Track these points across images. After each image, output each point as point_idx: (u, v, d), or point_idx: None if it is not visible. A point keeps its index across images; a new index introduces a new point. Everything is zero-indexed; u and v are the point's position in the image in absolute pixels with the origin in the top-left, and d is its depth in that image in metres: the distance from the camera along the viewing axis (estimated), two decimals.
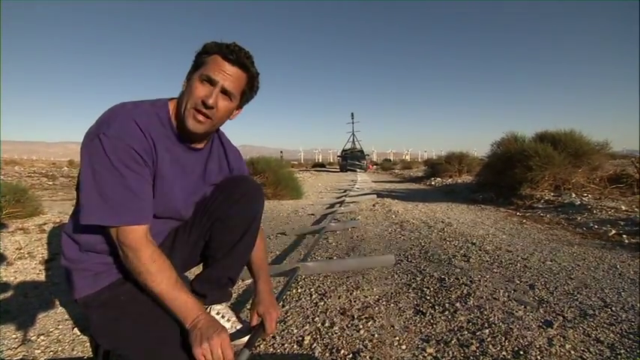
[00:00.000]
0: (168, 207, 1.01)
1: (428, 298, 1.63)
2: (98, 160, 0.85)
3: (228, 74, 0.93)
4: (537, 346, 1.18)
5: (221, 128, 1.19)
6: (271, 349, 1.21)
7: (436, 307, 1.52)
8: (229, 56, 0.93)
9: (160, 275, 0.87)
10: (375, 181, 12.73)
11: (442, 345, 1.22)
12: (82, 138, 0.92)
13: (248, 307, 1.47)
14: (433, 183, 10.56)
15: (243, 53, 0.95)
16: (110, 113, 0.90)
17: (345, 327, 1.35)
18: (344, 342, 1.24)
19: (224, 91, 0.94)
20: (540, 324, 1.36)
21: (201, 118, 0.93)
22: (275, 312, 1.10)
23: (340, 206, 4.89)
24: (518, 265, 2.16)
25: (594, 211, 3.81)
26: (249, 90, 1.02)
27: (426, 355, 1.17)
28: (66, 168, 13.86)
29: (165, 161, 0.96)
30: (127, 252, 0.87)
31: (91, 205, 0.86)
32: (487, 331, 1.30)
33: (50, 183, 8.17)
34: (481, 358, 1.13)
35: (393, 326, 1.37)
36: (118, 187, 0.86)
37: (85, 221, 0.86)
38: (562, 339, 1.24)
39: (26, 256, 2.20)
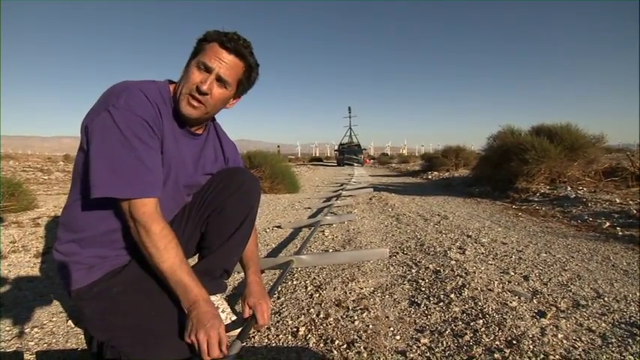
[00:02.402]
0: (164, 183, 0.99)
1: (423, 289, 1.64)
2: (108, 132, 0.84)
3: (224, 62, 0.93)
4: (530, 336, 1.19)
5: (218, 121, 1.19)
6: (266, 340, 1.21)
7: (431, 299, 1.53)
8: (227, 44, 0.93)
9: (166, 253, 0.86)
10: (372, 175, 12.74)
11: (436, 335, 1.23)
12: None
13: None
14: (430, 177, 10.58)
15: (241, 42, 0.94)
16: (116, 87, 0.90)
17: (339, 318, 1.35)
18: (338, 333, 1.24)
19: (219, 79, 0.94)
20: (534, 314, 1.38)
21: (195, 103, 0.93)
22: (265, 303, 1.11)
23: (337, 200, 4.89)
24: (513, 257, 2.18)
25: (589, 204, 3.83)
26: (246, 80, 1.01)
27: (420, 345, 1.17)
28: (61, 162, 13.76)
29: (169, 137, 0.96)
30: (138, 226, 0.87)
31: (101, 178, 0.84)
32: (481, 321, 1.31)
33: (45, 177, 8.11)
34: (474, 347, 1.14)
35: (387, 317, 1.38)
36: (129, 159, 0.84)
37: (95, 194, 0.83)
38: (555, 329, 1.25)
39: (20, 249, 2.19)
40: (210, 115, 1.01)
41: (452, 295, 1.54)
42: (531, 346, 1.13)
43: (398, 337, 1.22)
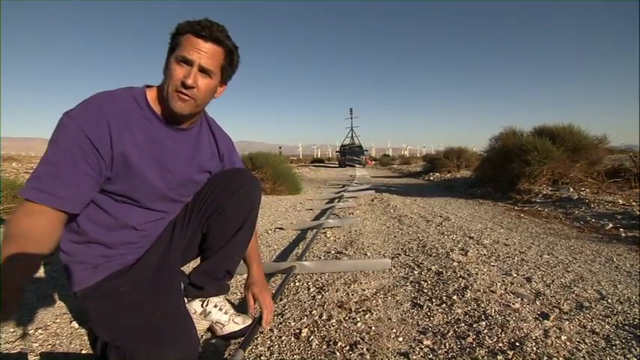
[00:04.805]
0: (146, 188, 0.98)
1: (425, 291, 1.64)
2: (52, 139, 0.86)
3: (203, 52, 0.91)
4: (533, 338, 1.19)
5: (215, 119, 1.19)
6: (268, 342, 1.21)
7: (433, 300, 1.53)
8: (202, 33, 0.91)
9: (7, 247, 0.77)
10: (374, 177, 12.73)
11: (439, 337, 1.23)
12: None
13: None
14: (432, 178, 10.57)
15: (215, 27, 0.92)
16: (92, 96, 0.91)
17: (342, 320, 1.35)
18: (341, 334, 1.24)
19: (202, 69, 0.92)
20: (537, 316, 1.37)
21: (184, 98, 0.92)
22: (267, 294, 1.22)
23: (339, 201, 4.89)
24: (516, 258, 2.17)
25: (592, 205, 3.82)
26: (228, 65, 1.00)
27: (422, 346, 1.17)
28: None
29: (138, 143, 0.94)
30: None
31: (28, 180, 0.84)
32: (484, 323, 1.31)
33: None
34: (477, 349, 1.13)
35: (390, 319, 1.38)
36: (47, 165, 0.84)
37: (20, 194, 0.83)
38: (558, 330, 1.25)
39: None
40: (200, 107, 1.00)
41: (454, 297, 1.54)
42: (534, 348, 1.13)
43: (400, 339, 1.22)
